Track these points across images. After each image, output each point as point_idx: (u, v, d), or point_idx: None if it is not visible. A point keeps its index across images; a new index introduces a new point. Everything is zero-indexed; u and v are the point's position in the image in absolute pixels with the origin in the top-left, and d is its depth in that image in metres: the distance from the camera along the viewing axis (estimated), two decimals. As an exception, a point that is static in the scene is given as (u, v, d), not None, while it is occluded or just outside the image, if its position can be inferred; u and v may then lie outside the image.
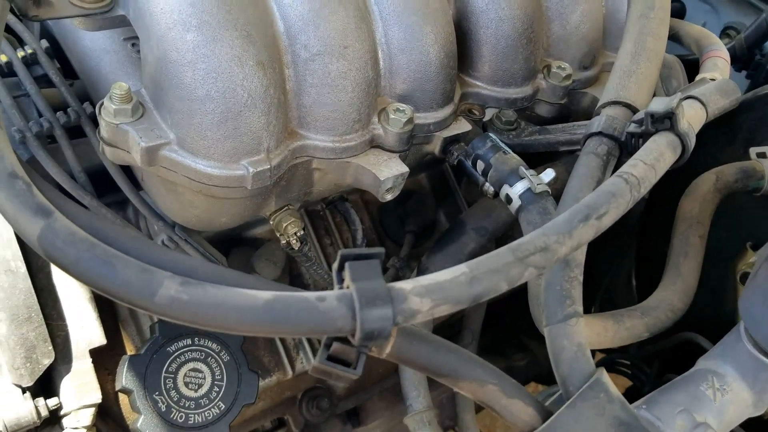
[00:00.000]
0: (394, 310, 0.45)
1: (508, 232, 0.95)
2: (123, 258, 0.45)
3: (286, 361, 0.92)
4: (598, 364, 1.28)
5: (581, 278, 0.59)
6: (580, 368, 0.55)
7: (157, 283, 0.44)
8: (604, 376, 0.55)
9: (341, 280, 0.47)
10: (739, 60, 1.14)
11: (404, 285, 0.46)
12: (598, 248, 1.34)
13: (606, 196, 0.52)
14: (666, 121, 0.58)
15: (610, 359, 1.24)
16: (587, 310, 0.80)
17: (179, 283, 0.44)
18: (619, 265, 1.19)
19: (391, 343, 0.50)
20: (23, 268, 0.73)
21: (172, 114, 0.64)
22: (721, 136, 0.97)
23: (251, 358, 0.86)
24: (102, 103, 0.64)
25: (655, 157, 0.57)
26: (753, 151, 0.87)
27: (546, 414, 0.53)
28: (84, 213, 0.51)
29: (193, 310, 0.44)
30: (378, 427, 1.16)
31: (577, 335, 0.55)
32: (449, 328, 1.05)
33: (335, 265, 0.47)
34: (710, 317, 0.82)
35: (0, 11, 0.59)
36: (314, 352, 0.94)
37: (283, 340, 0.93)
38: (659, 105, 0.59)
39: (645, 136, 0.60)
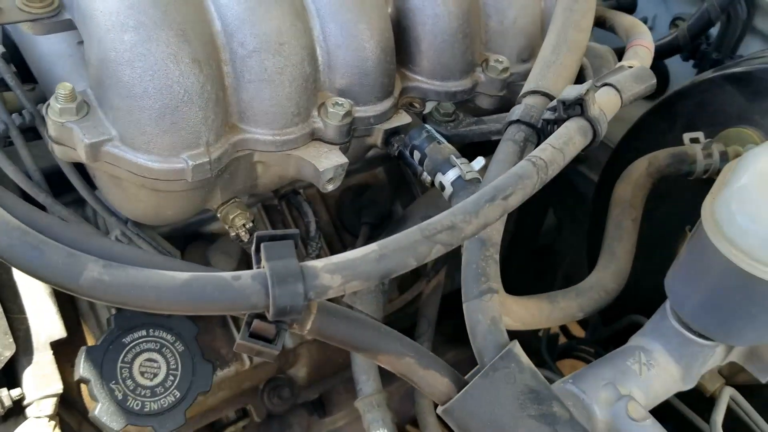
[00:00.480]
0: (305, 286, 0.48)
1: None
2: (51, 244, 0.48)
3: (244, 351, 0.95)
4: (561, 351, 1.31)
5: (497, 257, 0.62)
6: (494, 340, 0.58)
7: (82, 266, 0.47)
8: (517, 347, 0.58)
9: (258, 261, 0.50)
10: (684, 49, 1.17)
11: (316, 263, 0.49)
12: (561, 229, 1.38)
13: (513, 178, 0.56)
14: (577, 107, 0.62)
15: (569, 345, 1.28)
16: (549, 288, 0.83)
17: (102, 266, 0.47)
18: (578, 245, 1.22)
19: (311, 320, 0.53)
20: (-19, 264, 0.76)
21: (114, 111, 0.67)
22: (662, 123, 1.01)
23: (208, 349, 0.89)
24: (48, 103, 0.68)
25: (564, 142, 0.60)
26: (686, 136, 0.90)
27: (462, 384, 0.57)
28: (22, 205, 0.54)
29: (115, 291, 0.47)
30: (344, 417, 1.20)
31: (491, 310, 0.59)
32: (407, 317, 1.08)
33: (253, 247, 0.50)
34: (657, 300, 0.85)
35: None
36: (273, 341, 0.97)
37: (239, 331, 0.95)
38: (571, 92, 0.62)
39: (558, 123, 0.63)
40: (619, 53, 0.88)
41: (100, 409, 0.78)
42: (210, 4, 0.70)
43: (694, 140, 0.90)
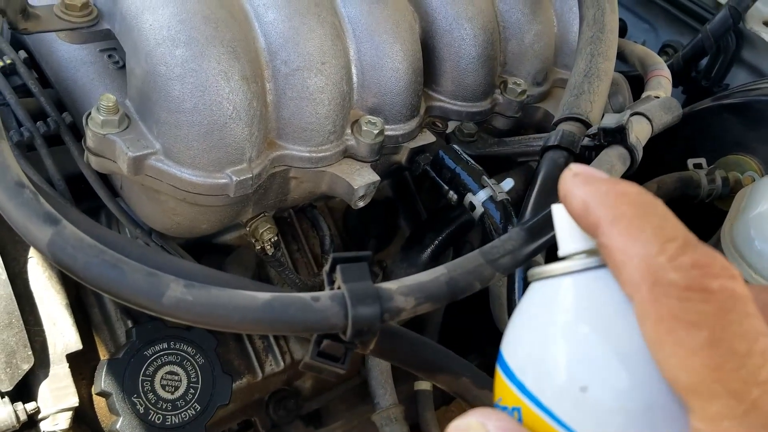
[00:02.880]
0: (381, 308, 0.49)
1: (464, 237, 1.01)
2: (129, 262, 0.48)
3: (256, 363, 0.95)
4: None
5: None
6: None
7: (164, 286, 0.47)
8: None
9: (332, 282, 0.51)
10: (675, 76, 1.23)
11: (390, 285, 0.50)
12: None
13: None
14: (617, 135, 0.65)
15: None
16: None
17: (183, 286, 0.47)
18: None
19: (374, 340, 0.54)
20: (4, 275, 0.75)
21: (159, 125, 0.67)
22: (662, 146, 1.06)
23: (224, 362, 0.89)
24: (89, 114, 0.67)
25: (607, 168, 0.63)
26: (690, 162, 0.95)
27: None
28: (85, 220, 0.54)
29: (198, 311, 0.47)
30: (339, 427, 1.20)
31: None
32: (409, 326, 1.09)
33: (326, 267, 0.51)
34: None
35: (-8, 25, 0.61)
36: (282, 354, 0.98)
37: (252, 344, 0.96)
38: (611, 120, 0.65)
39: (597, 149, 0.66)
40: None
41: (122, 423, 0.78)
42: (255, 21, 0.71)
43: (697, 166, 0.94)
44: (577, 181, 0.36)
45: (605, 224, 0.34)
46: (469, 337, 1.04)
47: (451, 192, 0.80)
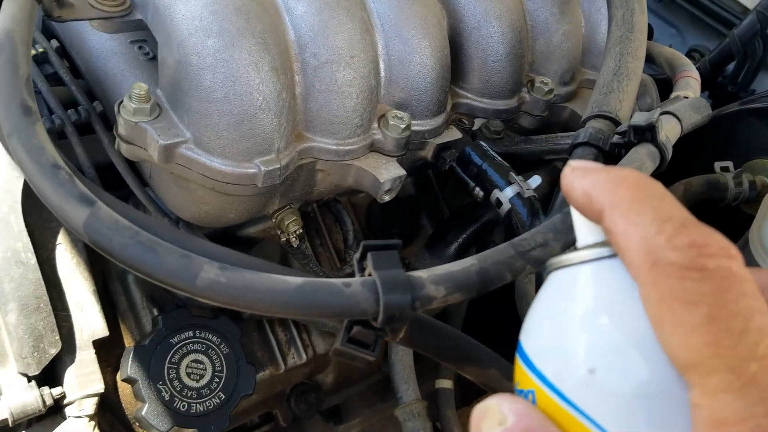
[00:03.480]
0: (413, 296, 0.49)
1: (488, 236, 1.01)
2: (164, 244, 0.49)
3: (279, 356, 0.95)
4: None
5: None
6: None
7: (198, 268, 0.48)
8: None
9: (362, 269, 0.51)
10: (702, 81, 1.22)
11: (421, 274, 0.51)
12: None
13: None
14: (647, 133, 0.64)
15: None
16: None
17: (218, 268, 0.48)
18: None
19: (404, 329, 0.55)
20: (33, 260, 0.76)
21: (190, 114, 0.68)
22: (689, 149, 1.05)
23: (246, 351, 0.89)
24: (121, 102, 0.68)
25: (637, 166, 0.63)
26: (717, 165, 0.94)
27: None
28: (118, 203, 0.55)
29: (231, 293, 0.48)
30: (358, 424, 1.21)
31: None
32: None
33: (357, 255, 0.51)
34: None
35: (30, 11, 0.62)
36: (305, 348, 0.98)
37: (275, 336, 0.96)
38: (641, 118, 0.65)
39: (627, 147, 0.66)
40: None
41: (148, 409, 0.78)
42: (285, 14, 0.71)
43: (724, 169, 0.94)
44: (577, 173, 0.38)
45: (607, 210, 0.35)
46: (492, 335, 1.04)
47: (477, 188, 0.80)
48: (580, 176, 0.37)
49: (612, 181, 0.36)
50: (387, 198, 0.78)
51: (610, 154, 0.67)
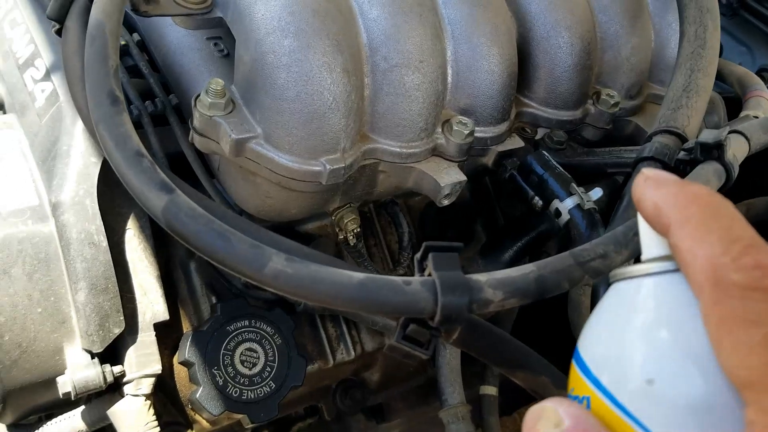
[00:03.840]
0: (470, 299, 0.50)
1: (542, 247, 1.01)
2: (236, 233, 0.51)
3: (328, 350, 0.97)
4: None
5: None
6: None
7: (266, 258, 0.50)
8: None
9: (422, 269, 0.53)
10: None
11: (480, 277, 0.52)
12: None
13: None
14: (714, 151, 0.64)
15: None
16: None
17: (285, 259, 0.50)
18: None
19: (458, 331, 0.56)
20: (105, 243, 0.79)
21: (262, 111, 0.70)
22: (755, 168, 1.03)
23: (298, 344, 0.92)
24: (198, 96, 0.71)
25: (702, 183, 0.63)
26: (783, 187, 0.92)
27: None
28: (194, 192, 0.57)
29: (296, 284, 0.49)
30: (399, 425, 1.22)
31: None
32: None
33: (418, 255, 0.53)
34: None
35: (119, 4, 0.66)
36: (354, 345, 1.00)
37: (326, 331, 0.98)
38: (709, 136, 0.65)
39: (693, 164, 0.66)
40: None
41: (202, 393, 0.81)
42: (359, 17, 0.73)
43: (790, 191, 0.92)
44: (649, 184, 0.38)
45: (675, 226, 0.36)
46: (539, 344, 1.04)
47: (537, 198, 0.81)
48: (652, 187, 0.38)
49: (683, 197, 0.36)
50: (446, 202, 0.79)
51: (675, 171, 0.67)
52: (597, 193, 0.76)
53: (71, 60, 0.65)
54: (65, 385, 0.80)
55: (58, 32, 0.68)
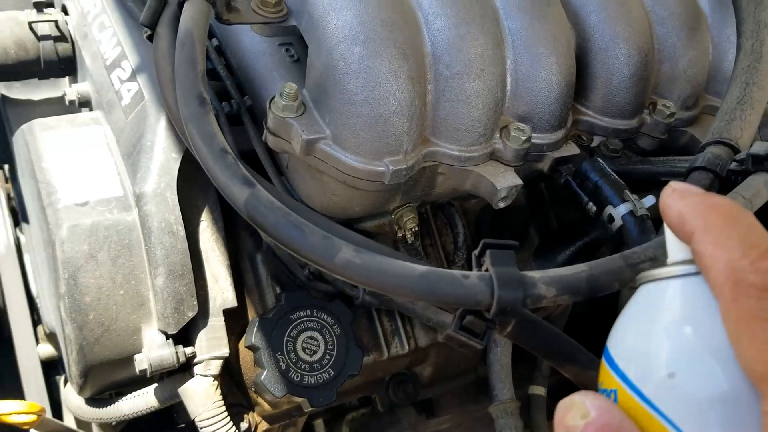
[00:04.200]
0: (525, 293, 0.54)
1: (594, 253, 1.03)
2: (310, 225, 0.56)
3: (383, 343, 1.02)
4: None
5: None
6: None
7: (336, 248, 0.55)
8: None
9: (480, 264, 0.57)
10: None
11: (534, 274, 0.55)
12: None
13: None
14: (765, 162, 0.66)
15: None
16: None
17: (353, 250, 0.55)
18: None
19: (512, 324, 0.59)
20: (182, 232, 0.86)
21: (331, 114, 0.75)
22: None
23: (355, 336, 0.96)
24: (273, 98, 0.76)
25: (753, 193, 0.65)
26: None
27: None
28: (271, 188, 0.63)
29: (364, 273, 0.54)
30: (448, 421, 1.26)
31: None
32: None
33: (476, 251, 0.57)
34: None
35: (206, 13, 0.72)
36: (408, 339, 1.04)
37: (381, 325, 1.02)
38: (760, 148, 0.67)
39: (744, 175, 0.68)
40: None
41: (266, 375, 0.86)
42: (424, 27, 0.78)
43: None
44: (675, 195, 0.42)
45: (698, 233, 0.40)
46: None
47: (591, 203, 0.84)
48: (678, 198, 0.42)
49: (705, 207, 0.40)
50: (502, 205, 0.82)
51: (726, 181, 0.69)
52: (650, 200, 0.78)
53: (162, 63, 0.71)
54: (142, 362, 0.86)
55: (150, 38, 0.75)
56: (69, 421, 1.19)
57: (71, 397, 1.03)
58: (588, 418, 0.40)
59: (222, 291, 0.91)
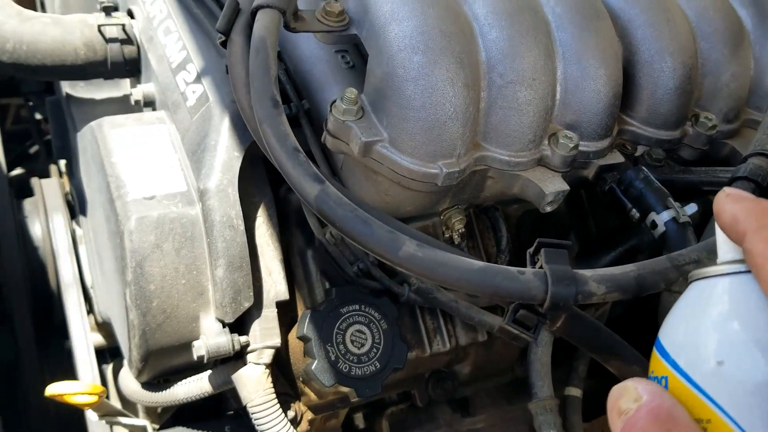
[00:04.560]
0: (577, 290, 0.58)
1: (631, 260, 1.06)
2: (375, 221, 0.60)
3: (426, 340, 1.05)
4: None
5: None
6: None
7: (401, 242, 0.59)
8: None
9: (534, 262, 0.61)
10: None
11: (585, 272, 0.59)
12: None
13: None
14: (807, 174, 0.69)
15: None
16: None
17: (416, 245, 0.59)
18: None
19: (561, 319, 0.63)
20: (242, 226, 0.91)
21: (389, 118, 0.79)
22: None
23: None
24: (334, 102, 0.81)
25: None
26: None
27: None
28: (338, 185, 0.67)
29: (426, 266, 0.58)
30: (483, 420, 1.29)
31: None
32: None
33: (531, 249, 0.61)
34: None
35: (277, 22, 0.76)
36: (449, 337, 1.08)
37: (425, 323, 1.06)
38: (802, 159, 0.70)
39: (786, 185, 0.71)
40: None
41: (317, 365, 0.91)
42: (479, 38, 0.82)
43: None
44: (729, 199, 0.46)
45: (750, 233, 0.43)
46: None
47: (634, 210, 0.87)
48: (732, 201, 0.45)
49: (758, 210, 0.44)
50: (549, 209, 0.86)
51: (767, 191, 0.72)
52: (692, 208, 0.81)
53: (236, 67, 0.76)
54: (200, 349, 0.91)
55: (223, 44, 0.80)
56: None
57: (127, 381, 1.09)
58: (640, 402, 0.43)
59: (275, 284, 0.96)
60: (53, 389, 0.95)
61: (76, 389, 0.95)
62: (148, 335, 0.91)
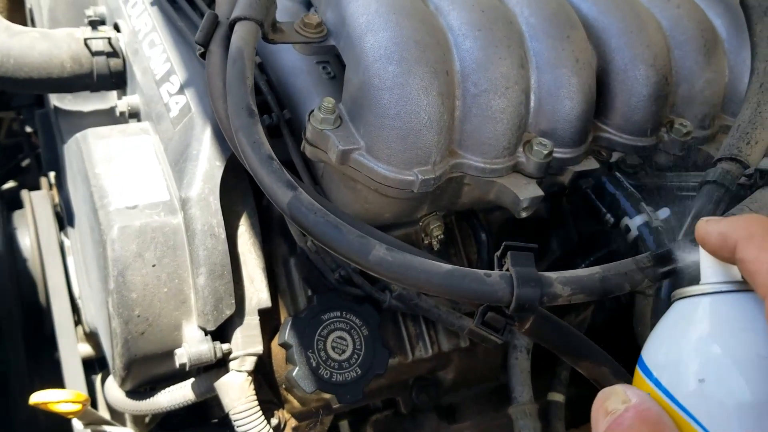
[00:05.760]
0: (542, 291, 0.59)
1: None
2: (346, 226, 0.61)
3: (408, 347, 1.06)
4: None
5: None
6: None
7: (371, 246, 0.60)
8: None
9: (501, 264, 0.62)
10: None
11: (551, 274, 0.60)
12: None
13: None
14: (773, 178, 0.71)
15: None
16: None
17: (386, 249, 0.60)
18: None
19: (530, 321, 0.64)
20: (224, 235, 0.92)
21: (366, 126, 0.81)
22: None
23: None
24: (312, 112, 0.82)
25: (759, 206, 0.69)
26: None
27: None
28: (312, 192, 0.69)
29: (396, 269, 0.59)
30: (469, 427, 1.29)
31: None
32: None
33: (498, 253, 0.62)
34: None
35: (255, 33, 0.78)
36: (432, 344, 1.09)
37: (407, 329, 1.07)
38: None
39: (752, 189, 0.72)
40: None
41: (298, 372, 0.92)
42: (453, 47, 0.83)
43: None
44: (711, 222, 0.48)
45: (741, 242, 0.45)
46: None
47: (609, 215, 0.88)
48: (715, 222, 0.47)
49: (745, 221, 0.45)
50: (524, 214, 0.87)
51: (735, 194, 0.73)
52: (664, 212, 0.83)
53: (214, 78, 0.77)
54: (182, 356, 0.92)
55: (203, 55, 0.81)
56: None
57: (112, 390, 1.10)
58: (628, 403, 0.44)
59: (257, 292, 0.97)
60: (37, 397, 0.96)
61: (60, 397, 0.96)
62: (130, 343, 0.92)
